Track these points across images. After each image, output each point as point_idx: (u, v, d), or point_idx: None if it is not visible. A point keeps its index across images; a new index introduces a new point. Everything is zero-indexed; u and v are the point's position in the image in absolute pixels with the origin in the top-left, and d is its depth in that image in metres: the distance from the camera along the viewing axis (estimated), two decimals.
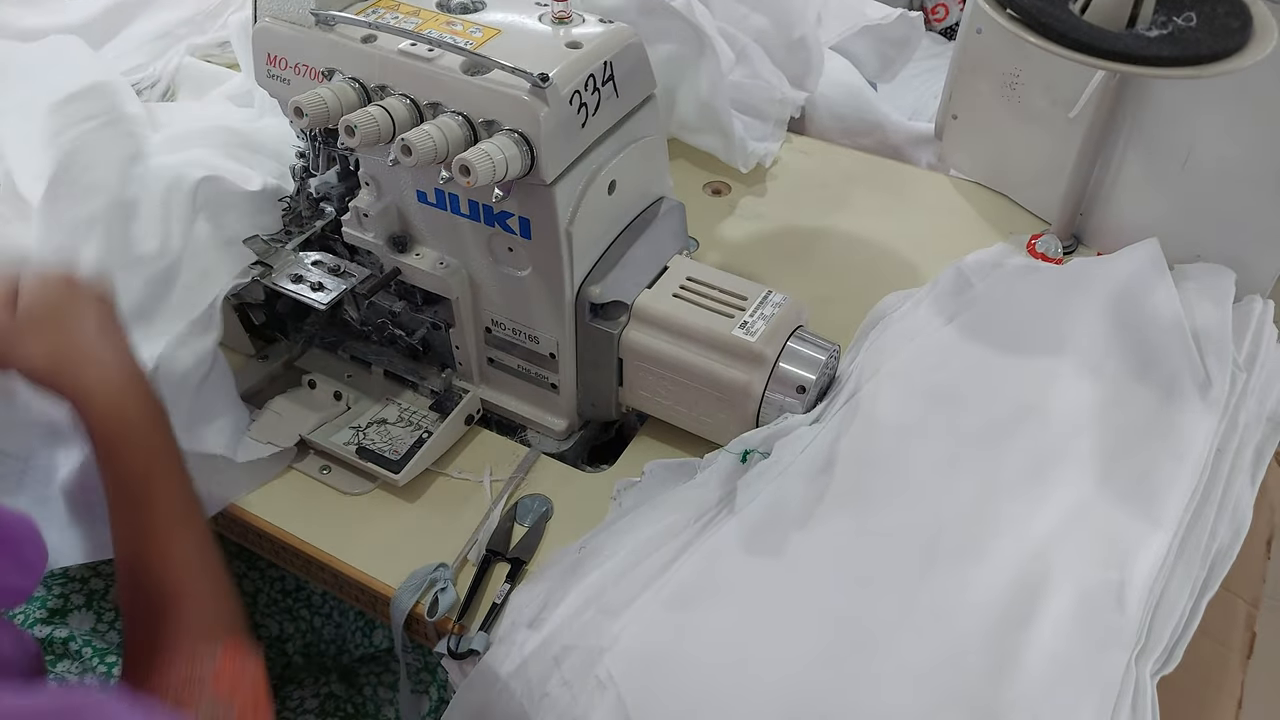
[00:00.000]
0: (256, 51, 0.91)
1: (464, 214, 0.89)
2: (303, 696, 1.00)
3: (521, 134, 0.79)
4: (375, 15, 0.86)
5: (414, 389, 1.03)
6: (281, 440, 0.97)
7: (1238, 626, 0.86)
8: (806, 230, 1.26)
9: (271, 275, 0.96)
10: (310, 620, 1.08)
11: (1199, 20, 0.92)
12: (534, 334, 0.96)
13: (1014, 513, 0.85)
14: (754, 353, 0.89)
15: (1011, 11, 0.94)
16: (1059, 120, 1.14)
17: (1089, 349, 0.98)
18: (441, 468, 0.98)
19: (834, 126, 1.46)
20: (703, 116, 1.30)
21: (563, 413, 1.01)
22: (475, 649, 0.81)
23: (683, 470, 0.93)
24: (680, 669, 0.78)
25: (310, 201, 1.01)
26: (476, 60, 0.80)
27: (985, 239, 1.21)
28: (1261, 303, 1.05)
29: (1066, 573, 0.80)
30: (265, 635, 1.06)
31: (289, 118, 0.83)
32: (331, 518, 0.94)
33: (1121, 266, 1.06)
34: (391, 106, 0.81)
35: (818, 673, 0.77)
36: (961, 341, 1.01)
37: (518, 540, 0.90)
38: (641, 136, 0.92)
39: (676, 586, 0.82)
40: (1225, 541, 0.84)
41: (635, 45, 0.87)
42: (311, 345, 1.08)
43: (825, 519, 0.86)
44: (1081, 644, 0.76)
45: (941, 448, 0.91)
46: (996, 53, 1.20)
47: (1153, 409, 0.93)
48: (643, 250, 0.95)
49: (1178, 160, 1.07)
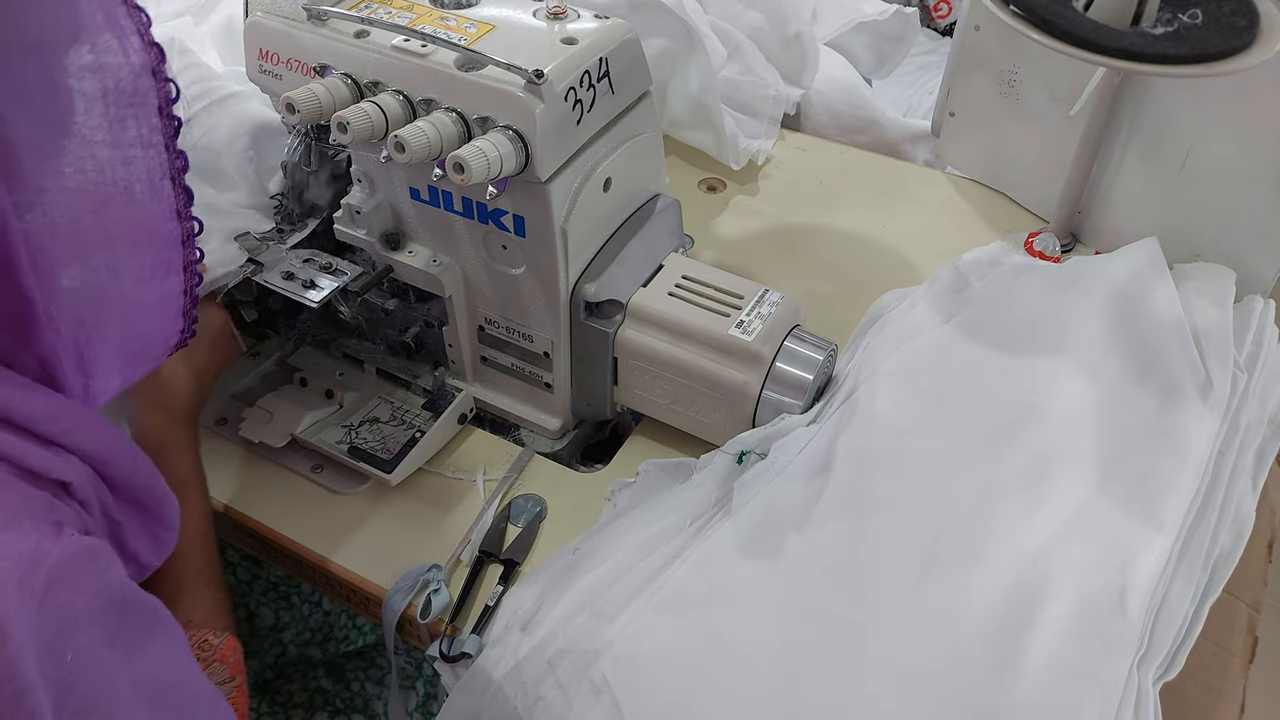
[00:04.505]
0: (248, 47, 0.89)
1: (457, 211, 0.88)
2: (291, 691, 1.00)
3: (516, 131, 0.78)
4: (368, 10, 0.85)
5: (407, 387, 1.02)
6: (272, 439, 0.96)
7: (1240, 630, 0.86)
8: (803, 228, 1.25)
9: (263, 272, 0.95)
10: (300, 608, 1.07)
11: (1205, 18, 0.92)
12: (528, 332, 0.95)
13: (1013, 515, 0.84)
14: (751, 352, 0.88)
15: (1015, 8, 0.93)
16: (1058, 118, 1.14)
17: (1088, 349, 0.97)
18: (434, 467, 0.97)
19: (830, 123, 1.45)
20: (694, 113, 1.30)
21: (557, 412, 1.00)
22: (467, 652, 0.81)
23: (678, 470, 0.93)
24: (676, 673, 0.77)
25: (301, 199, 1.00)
26: (471, 56, 0.79)
27: (983, 237, 1.20)
28: (1262, 303, 1.04)
29: (1067, 576, 0.80)
30: (261, 625, 1.05)
31: (280, 113, 0.82)
32: (322, 517, 0.94)
33: (1120, 266, 1.06)
34: (385, 103, 0.80)
35: (815, 677, 0.76)
36: (960, 341, 1.00)
37: (511, 541, 0.90)
38: (637, 133, 0.91)
39: (672, 590, 0.81)
40: (1227, 545, 0.83)
41: (631, 41, 0.87)
42: (303, 343, 1.07)
43: (822, 521, 0.85)
44: (1083, 649, 0.75)
45: (940, 448, 0.90)
46: (995, 50, 1.19)
47: (1153, 410, 0.93)
48: (638, 248, 0.94)
49: (1177, 159, 1.07)
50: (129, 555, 0.64)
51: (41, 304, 0.54)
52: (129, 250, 0.59)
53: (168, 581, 0.78)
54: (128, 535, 0.63)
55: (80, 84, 0.53)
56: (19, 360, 0.56)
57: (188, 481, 0.84)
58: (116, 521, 0.62)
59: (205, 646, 0.75)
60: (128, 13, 0.55)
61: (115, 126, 0.55)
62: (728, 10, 1.37)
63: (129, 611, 0.55)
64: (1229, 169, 1.04)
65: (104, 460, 0.60)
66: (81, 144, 0.54)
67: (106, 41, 0.54)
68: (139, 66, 0.55)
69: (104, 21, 0.53)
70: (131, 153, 0.56)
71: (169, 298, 0.62)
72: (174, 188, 0.59)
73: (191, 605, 0.78)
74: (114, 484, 0.61)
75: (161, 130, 0.58)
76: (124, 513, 0.63)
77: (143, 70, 0.56)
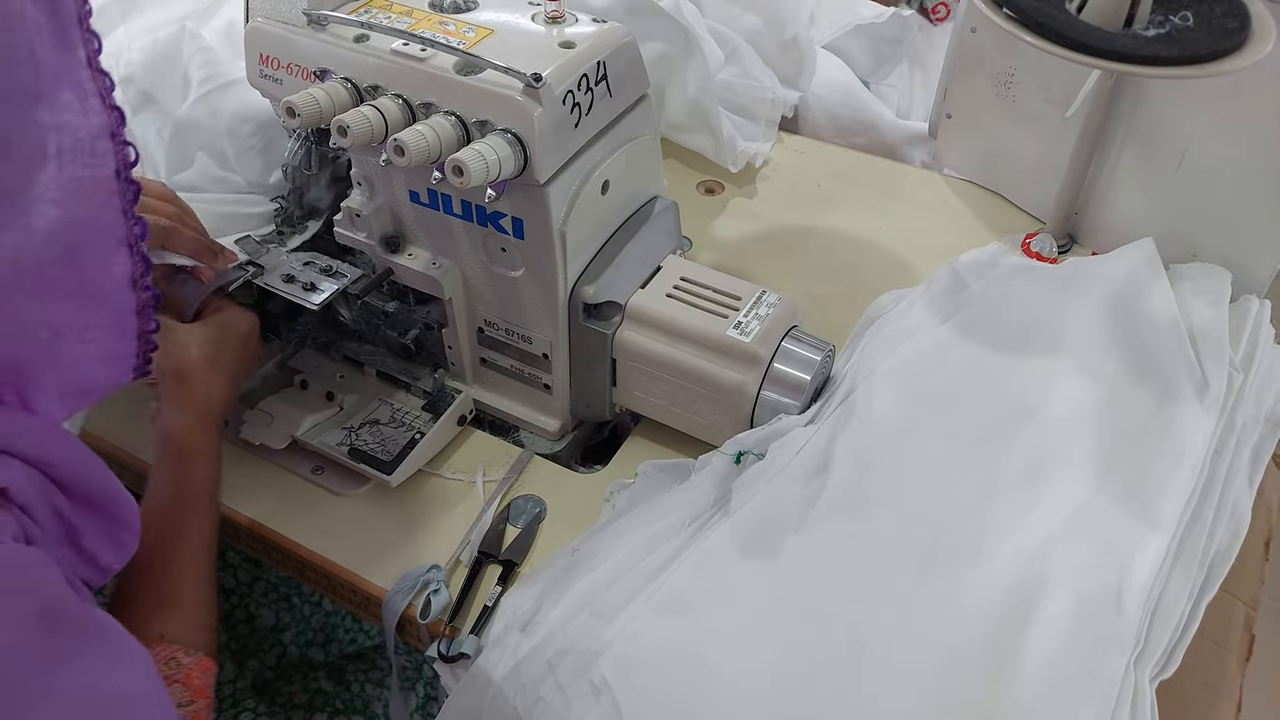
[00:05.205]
0: (249, 51, 0.90)
1: (457, 214, 0.89)
2: (291, 692, 1.00)
3: (515, 134, 0.78)
4: (368, 15, 0.86)
5: (407, 389, 1.02)
6: (273, 440, 0.96)
7: (1236, 629, 0.86)
8: (800, 229, 1.26)
9: (263, 275, 0.95)
10: (301, 609, 1.07)
11: (1196, 20, 0.92)
12: (527, 334, 0.95)
13: (1011, 515, 0.85)
14: (749, 353, 0.89)
15: (1008, 11, 0.94)
16: (1054, 119, 1.14)
17: (1085, 349, 0.98)
18: (434, 468, 0.97)
19: (827, 125, 1.45)
20: (692, 116, 1.30)
21: (556, 413, 1.01)
22: (465, 652, 0.81)
23: (677, 471, 0.93)
24: (675, 673, 0.77)
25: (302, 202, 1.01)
26: (469, 60, 0.80)
27: (980, 238, 1.21)
28: (1258, 303, 1.04)
29: (1064, 576, 0.80)
30: (261, 626, 1.06)
31: (281, 118, 0.82)
32: (323, 519, 0.94)
33: (1117, 266, 1.06)
34: (384, 106, 0.80)
35: (813, 677, 0.76)
36: (957, 341, 1.01)
37: (511, 542, 0.90)
38: (635, 136, 0.92)
39: (671, 590, 0.81)
40: (1223, 543, 0.84)
41: (629, 45, 0.87)
42: (304, 345, 1.07)
43: (820, 521, 0.85)
44: (1080, 648, 0.76)
45: (937, 449, 0.90)
46: (991, 52, 1.19)
47: (1150, 410, 0.93)
48: (636, 250, 0.94)
49: (1173, 160, 1.07)
50: (88, 557, 0.62)
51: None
52: (73, 312, 0.57)
53: (152, 590, 0.77)
54: (84, 537, 0.62)
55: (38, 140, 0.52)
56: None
57: (205, 492, 0.84)
58: (71, 524, 0.61)
59: (172, 664, 0.73)
60: (91, 76, 0.54)
61: (69, 185, 0.54)
62: (725, 14, 1.37)
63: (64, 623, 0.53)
64: (1224, 170, 1.04)
65: (51, 463, 0.58)
66: (30, 200, 0.52)
67: (67, 101, 0.53)
68: (98, 128, 0.54)
69: (67, 81, 0.52)
70: (82, 214, 0.55)
71: (118, 359, 0.60)
72: (130, 254, 0.57)
73: (171, 618, 0.77)
74: (65, 486, 0.60)
75: (119, 194, 0.56)
76: (79, 515, 0.61)
77: (101, 132, 0.54)
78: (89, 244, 0.56)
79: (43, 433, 0.58)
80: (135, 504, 0.65)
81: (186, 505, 0.83)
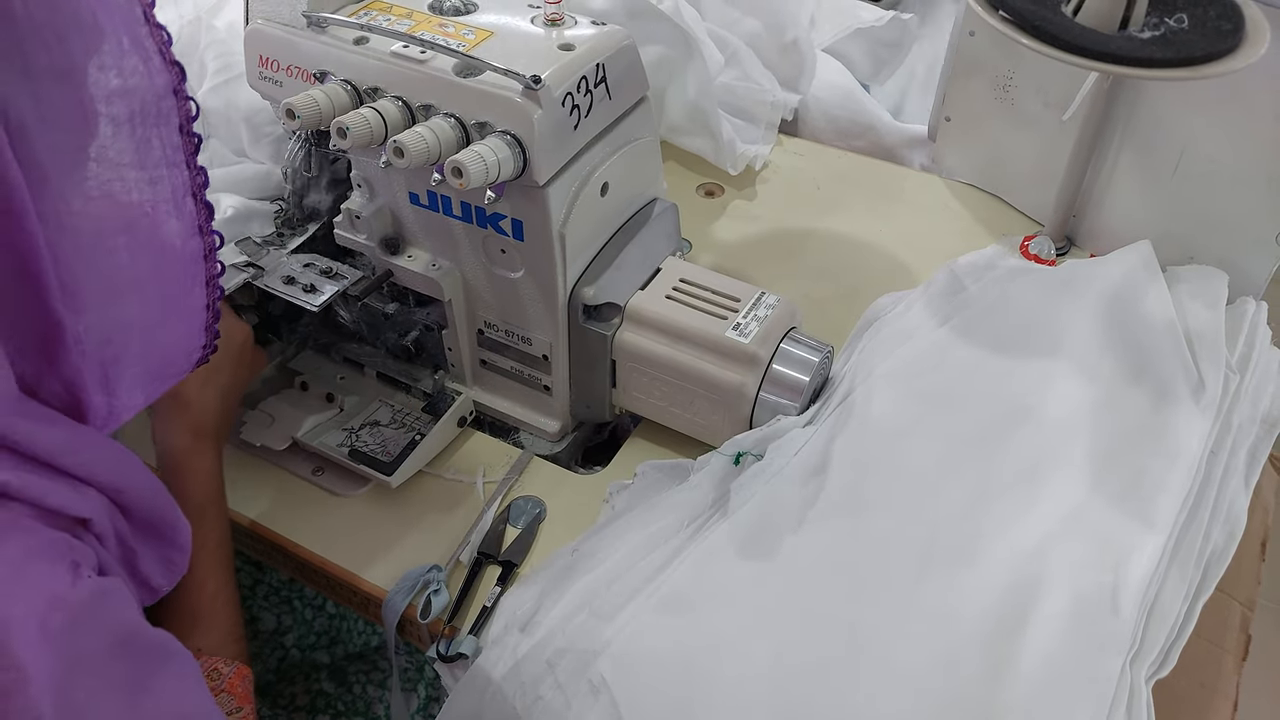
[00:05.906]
0: (249, 53, 0.90)
1: (456, 216, 0.89)
2: (294, 694, 1.00)
3: (514, 136, 0.79)
4: (368, 17, 0.86)
5: (407, 391, 1.03)
6: (273, 441, 0.97)
7: (1233, 629, 0.86)
8: (799, 232, 1.26)
9: (263, 277, 0.95)
10: (302, 612, 1.07)
11: (1191, 22, 0.93)
12: (527, 336, 0.95)
13: (1008, 515, 0.85)
14: (748, 354, 0.89)
15: (1004, 14, 0.94)
16: (1052, 122, 1.14)
17: (1082, 351, 0.98)
18: (434, 469, 0.98)
19: (827, 128, 1.45)
20: (692, 119, 1.30)
21: (556, 414, 1.01)
22: (464, 653, 0.81)
23: (676, 471, 0.93)
24: (674, 673, 0.77)
25: (302, 204, 1.01)
26: (469, 62, 0.80)
27: (978, 241, 1.21)
28: (1254, 304, 1.05)
29: (1060, 576, 0.80)
30: (263, 629, 1.06)
31: (280, 119, 0.83)
32: (323, 520, 0.94)
33: (1114, 268, 1.06)
34: (384, 108, 0.81)
35: (812, 677, 0.76)
36: (955, 343, 1.01)
37: (510, 542, 0.90)
38: (635, 138, 0.92)
39: (670, 590, 0.82)
40: (1219, 544, 0.84)
41: (628, 47, 0.87)
42: (304, 347, 1.07)
43: (819, 522, 0.85)
44: (1076, 648, 0.76)
45: (935, 450, 0.91)
46: (990, 55, 1.20)
47: (1146, 411, 0.93)
48: (636, 252, 0.94)
49: (1170, 162, 1.07)
50: (141, 580, 0.64)
51: (70, 326, 0.54)
52: (154, 268, 0.59)
53: (183, 610, 0.78)
54: (141, 560, 0.63)
55: (109, 109, 0.53)
56: (45, 384, 0.56)
57: (208, 506, 0.84)
58: (131, 548, 0.62)
59: (215, 675, 0.75)
60: (150, 33, 0.55)
61: (141, 148, 0.55)
62: (725, 17, 1.37)
63: (140, 649, 0.55)
64: (1221, 172, 1.04)
65: (120, 489, 0.60)
66: (109, 167, 0.54)
67: (133, 65, 0.54)
68: (162, 88, 0.56)
69: (130, 45, 0.54)
70: (157, 173, 0.57)
71: (192, 313, 0.62)
72: (195, 204, 0.60)
73: (204, 633, 0.78)
74: (129, 511, 0.61)
75: (183, 148, 0.58)
76: (138, 539, 0.63)
77: (166, 91, 0.56)
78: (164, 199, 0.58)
79: (119, 459, 0.60)
80: (189, 527, 0.67)
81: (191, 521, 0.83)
